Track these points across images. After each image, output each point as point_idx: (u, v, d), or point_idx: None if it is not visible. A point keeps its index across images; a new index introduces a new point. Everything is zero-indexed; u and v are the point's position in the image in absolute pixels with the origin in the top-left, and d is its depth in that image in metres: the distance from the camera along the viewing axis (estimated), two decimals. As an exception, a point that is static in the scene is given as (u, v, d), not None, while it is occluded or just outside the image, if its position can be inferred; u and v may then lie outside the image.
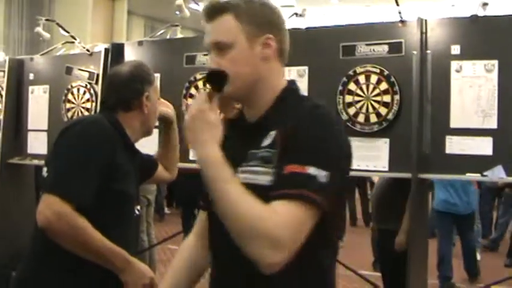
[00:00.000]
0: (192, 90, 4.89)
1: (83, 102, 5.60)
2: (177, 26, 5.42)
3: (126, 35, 15.15)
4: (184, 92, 4.91)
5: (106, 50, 5.51)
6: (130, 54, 5.31)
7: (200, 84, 4.86)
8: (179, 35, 5.43)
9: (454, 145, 3.87)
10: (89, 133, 2.28)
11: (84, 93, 5.60)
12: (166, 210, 11.12)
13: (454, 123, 3.88)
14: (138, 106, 2.49)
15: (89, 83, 5.58)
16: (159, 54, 5.16)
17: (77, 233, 2.12)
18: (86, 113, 5.55)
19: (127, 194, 2.37)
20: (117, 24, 15.14)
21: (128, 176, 2.37)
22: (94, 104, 5.52)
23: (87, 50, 5.69)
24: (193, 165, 4.85)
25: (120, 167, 2.31)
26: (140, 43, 5.29)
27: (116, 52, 5.42)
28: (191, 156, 4.87)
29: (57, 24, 6.20)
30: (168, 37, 5.52)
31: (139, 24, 16.89)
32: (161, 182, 3.40)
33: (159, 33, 5.62)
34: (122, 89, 2.46)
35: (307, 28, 4.49)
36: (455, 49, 3.89)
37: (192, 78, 4.90)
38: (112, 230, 2.24)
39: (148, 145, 4.87)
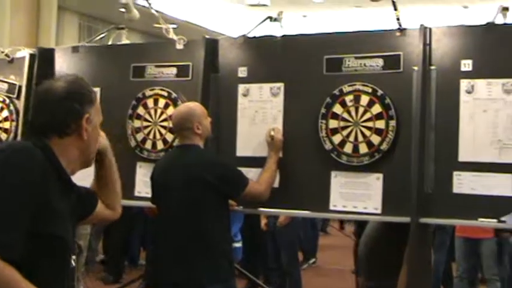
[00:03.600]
0: (140, 110, 4.90)
1: (0, 122, 5.56)
2: (122, 28, 5.43)
3: (55, 36, 15.05)
4: (130, 111, 4.92)
5: (31, 56, 5.49)
6: (63, 63, 5.30)
7: (150, 102, 4.88)
8: (125, 40, 5.44)
9: (464, 183, 3.93)
10: (14, 165, 2.26)
11: (2, 109, 5.56)
12: (101, 256, 11.02)
13: (463, 157, 3.94)
14: (76, 130, 2.49)
15: (8, 97, 5.55)
16: (99, 64, 5.17)
17: None
18: (4, 135, 5.50)
19: (62, 241, 2.36)
20: (44, 22, 15.02)
21: (63, 219, 2.37)
22: (15, 123, 5.48)
23: (7, 56, 5.66)
24: (140, 203, 4.87)
25: (54, 208, 2.30)
26: (75, 49, 5.29)
27: (43, 59, 5.41)
28: (136, 192, 4.87)
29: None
30: (110, 42, 5.53)
31: (73, 24, 16.80)
32: (102, 221, 3.38)
33: (99, 36, 5.61)
34: (56, 109, 2.46)
35: (283, 36, 4.55)
36: (467, 65, 3.97)
37: (140, 95, 4.92)
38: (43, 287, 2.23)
39: (84, 178, 4.87)
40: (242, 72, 4.61)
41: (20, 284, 2.16)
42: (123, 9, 5.42)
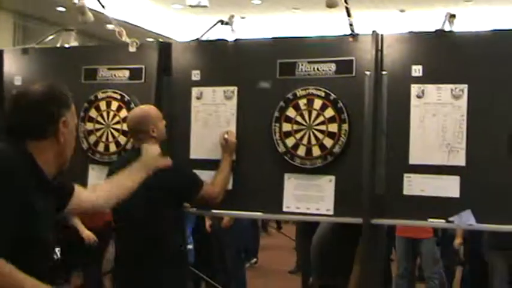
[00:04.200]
0: (92, 113, 4.89)
1: None
2: (71, 30, 5.40)
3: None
4: (82, 114, 4.88)
5: (-23, 57, 5.41)
6: (12, 64, 5.25)
7: (103, 105, 4.88)
8: (74, 43, 5.40)
9: (414, 185, 4.05)
10: None
11: None
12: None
13: (413, 159, 4.06)
14: (53, 134, 2.52)
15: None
16: (49, 66, 5.13)
17: (7, 282, 2.16)
18: None
19: (39, 240, 2.40)
20: (-21, 21, 14.80)
21: (44, 219, 2.41)
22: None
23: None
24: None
25: (35, 210, 2.34)
26: (25, 50, 5.24)
27: (-10, 60, 5.34)
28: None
29: None
30: (58, 44, 5.48)
31: (7, 23, 16.52)
32: (84, 210, 3.30)
33: (48, 38, 5.56)
34: (33, 112, 2.49)
35: (236, 40, 4.59)
36: (417, 70, 4.09)
37: (92, 97, 4.91)
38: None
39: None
40: (195, 75, 4.63)
41: (18, 275, 2.21)
42: (62, 9, 5.36)
